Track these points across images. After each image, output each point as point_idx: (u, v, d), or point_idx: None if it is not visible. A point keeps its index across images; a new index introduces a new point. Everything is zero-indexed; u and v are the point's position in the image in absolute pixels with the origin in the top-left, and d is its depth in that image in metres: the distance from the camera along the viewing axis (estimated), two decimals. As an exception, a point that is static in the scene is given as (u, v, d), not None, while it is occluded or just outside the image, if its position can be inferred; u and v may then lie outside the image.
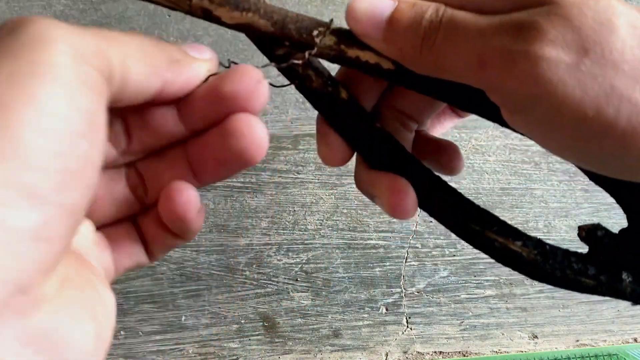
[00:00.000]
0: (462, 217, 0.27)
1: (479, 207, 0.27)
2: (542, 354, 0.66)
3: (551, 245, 0.26)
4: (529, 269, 0.26)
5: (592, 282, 0.26)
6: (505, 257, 0.26)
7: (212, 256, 0.69)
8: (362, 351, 0.66)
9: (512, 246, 0.26)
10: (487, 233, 0.26)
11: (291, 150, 0.74)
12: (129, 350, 0.65)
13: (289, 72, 0.26)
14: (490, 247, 0.26)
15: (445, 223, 0.28)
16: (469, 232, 0.27)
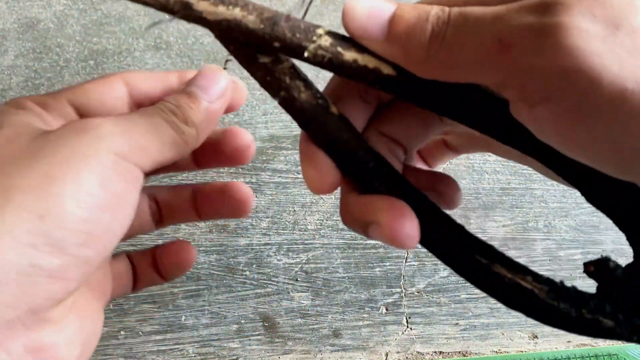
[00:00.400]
0: (466, 248, 0.24)
1: (483, 240, 0.24)
2: (542, 354, 0.66)
3: (562, 282, 0.23)
4: (542, 309, 0.22)
5: (610, 322, 0.22)
6: (514, 296, 0.23)
7: (212, 256, 0.69)
8: (362, 351, 0.66)
9: (523, 283, 0.22)
10: (495, 267, 0.23)
11: (291, 150, 0.74)
12: (129, 350, 0.65)
13: (275, 83, 0.23)
14: (498, 284, 0.23)
15: (445, 256, 0.24)
16: (473, 267, 0.24)
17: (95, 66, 0.75)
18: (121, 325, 0.66)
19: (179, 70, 0.28)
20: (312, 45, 0.22)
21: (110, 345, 0.65)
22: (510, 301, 0.23)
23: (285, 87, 0.23)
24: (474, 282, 0.24)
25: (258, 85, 0.25)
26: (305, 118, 0.23)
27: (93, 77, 0.77)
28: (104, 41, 0.77)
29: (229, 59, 0.26)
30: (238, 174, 0.72)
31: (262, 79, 0.23)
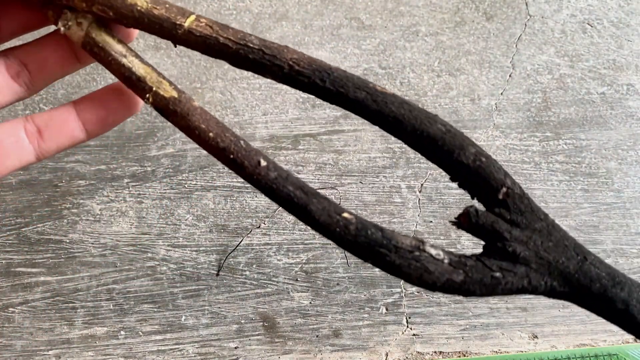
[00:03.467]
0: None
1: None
2: (542, 354, 0.66)
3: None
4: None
5: (499, 274, 0.23)
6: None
7: (212, 256, 0.68)
8: (362, 351, 0.66)
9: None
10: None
11: (291, 150, 0.74)
12: (129, 350, 0.65)
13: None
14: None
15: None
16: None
17: (95, 66, 0.75)
18: (121, 325, 0.66)
19: None
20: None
21: (110, 345, 0.65)
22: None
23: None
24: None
25: (258, 85, 0.26)
26: None
27: (93, 77, 0.77)
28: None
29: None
30: (238, 174, 0.72)
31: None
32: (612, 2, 0.85)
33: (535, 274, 0.24)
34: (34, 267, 0.68)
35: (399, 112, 0.25)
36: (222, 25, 0.24)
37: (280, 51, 0.25)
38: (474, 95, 0.78)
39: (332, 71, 0.25)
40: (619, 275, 0.24)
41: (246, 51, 0.25)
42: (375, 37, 0.81)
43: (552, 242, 0.24)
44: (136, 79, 0.24)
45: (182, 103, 0.24)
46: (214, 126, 0.24)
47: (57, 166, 0.72)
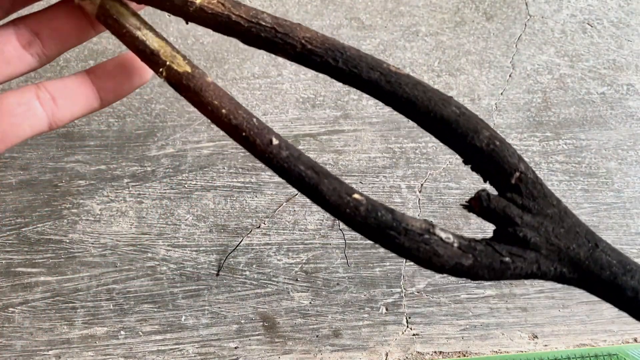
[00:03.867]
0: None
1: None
2: (542, 354, 0.66)
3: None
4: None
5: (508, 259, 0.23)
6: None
7: (212, 256, 0.68)
8: (362, 351, 0.66)
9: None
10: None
11: (291, 150, 0.74)
12: (129, 350, 0.65)
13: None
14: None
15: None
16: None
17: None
18: (121, 325, 0.66)
19: None
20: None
21: (110, 345, 0.65)
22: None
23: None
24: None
25: (258, 85, 0.26)
26: None
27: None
28: (104, 41, 0.77)
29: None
30: (238, 174, 0.72)
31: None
32: (612, 2, 0.85)
33: (545, 260, 0.23)
34: (34, 267, 0.68)
35: (413, 94, 0.24)
36: (235, 2, 0.24)
37: (293, 29, 0.24)
38: (474, 95, 0.78)
39: (345, 50, 0.25)
40: (630, 263, 0.23)
41: (258, 29, 0.24)
42: (375, 37, 0.81)
43: (563, 228, 0.24)
44: (150, 53, 0.24)
45: (196, 78, 0.24)
46: (227, 103, 0.24)
47: (57, 166, 0.72)
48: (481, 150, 0.24)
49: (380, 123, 0.75)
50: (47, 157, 0.72)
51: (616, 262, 0.23)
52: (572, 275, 0.24)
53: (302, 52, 0.24)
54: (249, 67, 0.77)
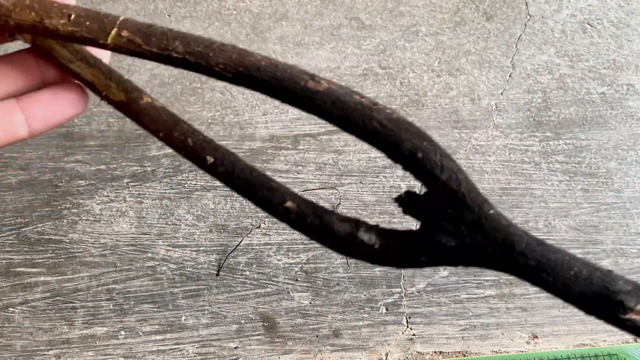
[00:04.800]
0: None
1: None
2: (542, 354, 0.66)
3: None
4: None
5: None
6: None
7: (212, 256, 0.68)
8: (362, 351, 0.66)
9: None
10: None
11: (291, 150, 0.74)
12: (129, 350, 0.65)
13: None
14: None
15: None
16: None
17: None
18: (121, 325, 0.66)
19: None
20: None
21: (110, 345, 0.65)
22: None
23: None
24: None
25: None
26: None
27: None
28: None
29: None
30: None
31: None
32: (612, 2, 0.85)
33: (461, 259, 0.26)
34: (34, 267, 0.68)
35: (331, 112, 0.27)
36: (146, 34, 0.25)
37: (206, 56, 0.25)
38: (474, 95, 0.78)
39: (259, 73, 0.26)
40: (549, 261, 0.25)
41: (172, 60, 0.25)
42: (375, 37, 0.81)
43: (481, 233, 0.25)
44: (86, 84, 0.25)
45: (130, 106, 0.26)
46: (162, 127, 0.26)
47: (57, 166, 0.72)
48: (404, 161, 0.26)
49: (380, 123, 0.75)
50: (47, 157, 0.72)
51: (533, 262, 0.25)
52: (491, 268, 0.26)
53: (219, 77, 0.26)
54: (249, 67, 0.77)
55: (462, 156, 0.74)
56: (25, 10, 0.24)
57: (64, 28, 0.24)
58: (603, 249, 0.71)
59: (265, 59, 0.26)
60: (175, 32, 0.25)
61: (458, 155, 0.74)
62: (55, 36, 0.24)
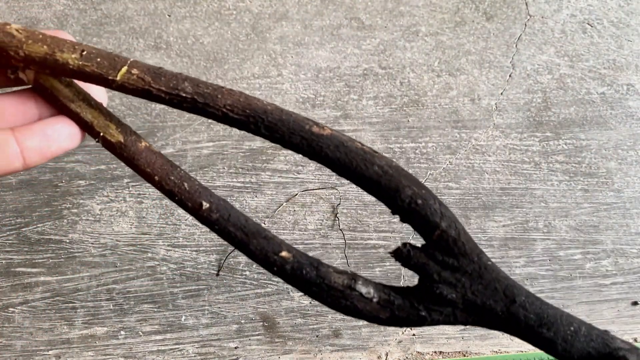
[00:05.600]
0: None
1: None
2: (542, 354, 0.66)
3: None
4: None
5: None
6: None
7: (212, 256, 0.68)
8: (362, 351, 0.66)
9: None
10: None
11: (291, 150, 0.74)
12: (129, 350, 0.65)
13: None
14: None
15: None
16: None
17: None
18: (121, 325, 0.66)
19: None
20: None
21: (110, 345, 0.65)
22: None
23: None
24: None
25: (258, 85, 0.26)
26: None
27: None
28: (104, 41, 0.77)
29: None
30: (238, 174, 0.72)
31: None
32: (612, 2, 0.85)
33: (462, 314, 0.25)
34: (34, 267, 0.68)
35: (335, 156, 0.26)
36: (155, 73, 0.25)
37: (214, 98, 0.25)
38: (474, 95, 0.78)
39: (266, 115, 0.26)
40: (549, 315, 0.25)
41: (180, 100, 0.25)
42: (375, 37, 0.81)
43: (481, 284, 0.25)
44: (84, 124, 0.25)
45: (128, 147, 0.26)
46: (158, 170, 0.26)
47: (57, 166, 0.72)
48: (404, 209, 0.25)
49: (380, 123, 0.76)
50: (47, 157, 0.72)
51: (533, 316, 0.25)
52: (490, 325, 0.25)
53: (225, 119, 0.26)
54: (249, 67, 0.77)
55: (462, 156, 0.74)
56: (38, 42, 0.24)
57: (75, 62, 0.24)
58: (603, 249, 0.71)
59: (271, 104, 0.26)
60: (184, 75, 0.25)
61: (458, 155, 0.74)
62: (63, 70, 0.24)
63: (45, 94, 0.25)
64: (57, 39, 0.24)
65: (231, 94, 0.25)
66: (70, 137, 0.26)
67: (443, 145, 0.75)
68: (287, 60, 0.78)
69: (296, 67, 0.77)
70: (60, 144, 0.26)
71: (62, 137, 0.26)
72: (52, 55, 0.24)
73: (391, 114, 0.76)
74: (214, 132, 0.74)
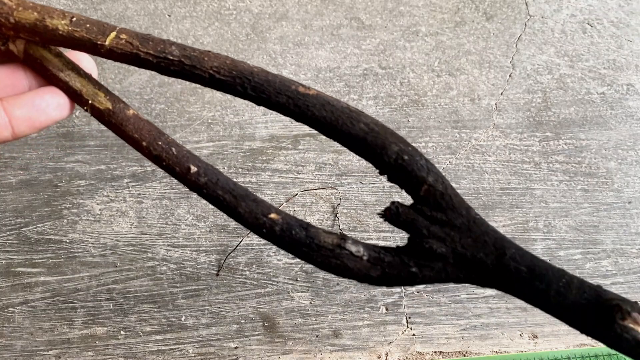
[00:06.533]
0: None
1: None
2: (542, 354, 0.66)
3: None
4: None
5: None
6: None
7: (212, 256, 0.68)
8: (362, 351, 0.66)
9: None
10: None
11: (291, 150, 0.74)
12: (129, 350, 0.65)
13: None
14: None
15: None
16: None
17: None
18: (121, 325, 0.66)
19: None
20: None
21: (110, 345, 0.65)
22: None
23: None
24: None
25: None
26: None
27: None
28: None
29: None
30: (238, 174, 0.72)
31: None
32: (612, 2, 0.85)
33: (452, 268, 0.25)
34: (34, 267, 0.68)
35: (321, 114, 0.26)
36: (144, 38, 0.25)
37: (200, 60, 0.26)
38: (474, 95, 0.78)
39: (252, 76, 0.26)
40: (540, 267, 0.25)
41: (167, 63, 0.25)
42: (375, 37, 0.81)
43: (471, 237, 0.25)
44: (73, 92, 0.26)
45: (116, 114, 0.26)
46: (146, 135, 0.26)
47: (57, 166, 0.72)
48: (390, 165, 0.25)
49: (380, 123, 0.75)
50: (47, 157, 0.72)
51: (524, 268, 0.24)
52: (481, 280, 0.25)
53: (211, 81, 0.26)
54: (249, 67, 0.77)
55: (462, 156, 0.74)
56: (28, 10, 0.24)
57: (64, 28, 0.24)
58: (603, 249, 0.71)
59: (257, 67, 0.26)
60: (172, 40, 0.26)
61: (458, 155, 0.74)
62: (53, 37, 0.25)
63: (34, 64, 0.26)
64: (47, 7, 0.25)
65: (217, 57, 0.26)
66: (59, 107, 0.26)
67: (443, 145, 0.75)
68: (287, 60, 0.78)
69: (296, 67, 0.77)
70: (49, 114, 0.26)
71: (50, 107, 0.26)
72: (42, 22, 0.24)
73: (391, 114, 0.76)
74: (214, 132, 0.74)
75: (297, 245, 0.25)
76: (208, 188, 0.26)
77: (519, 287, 0.25)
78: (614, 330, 0.23)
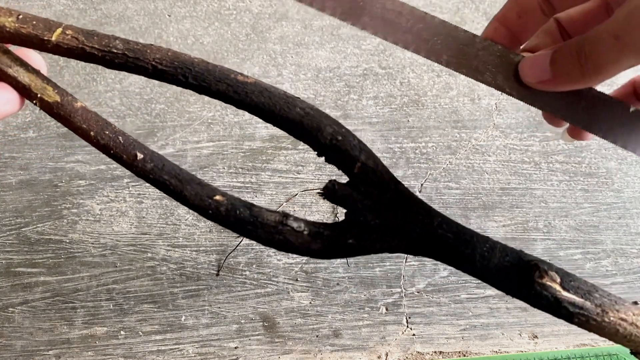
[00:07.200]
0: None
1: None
2: (542, 354, 0.66)
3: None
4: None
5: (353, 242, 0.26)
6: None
7: (212, 256, 0.68)
8: (362, 351, 0.66)
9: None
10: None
11: (291, 150, 0.74)
12: (129, 350, 0.65)
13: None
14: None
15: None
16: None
17: (94, 66, 0.75)
18: (121, 325, 0.66)
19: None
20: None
21: (110, 345, 0.65)
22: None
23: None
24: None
25: None
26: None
27: (93, 77, 0.77)
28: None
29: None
30: (238, 174, 0.72)
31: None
32: (612, 2, 0.85)
33: (386, 238, 0.26)
34: (34, 267, 0.68)
35: (259, 101, 0.28)
36: (88, 33, 0.26)
37: (143, 52, 0.27)
38: (474, 95, 0.78)
39: (193, 66, 0.27)
40: (465, 234, 0.26)
41: (112, 56, 0.27)
42: (375, 37, 0.81)
43: (401, 209, 0.27)
44: (22, 87, 0.27)
45: (64, 106, 0.27)
46: (94, 125, 0.28)
47: (57, 166, 0.72)
48: (326, 145, 0.27)
49: (380, 123, 0.76)
50: (47, 157, 0.72)
51: (451, 235, 0.26)
52: (413, 249, 0.27)
53: (154, 72, 0.27)
54: (249, 67, 0.77)
55: (462, 156, 0.74)
56: None
57: (11, 25, 0.25)
58: (603, 249, 0.71)
59: (197, 58, 0.27)
60: (116, 35, 0.27)
61: (458, 155, 0.74)
62: (0, 34, 0.25)
63: None
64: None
65: (160, 49, 0.27)
66: (8, 102, 0.27)
67: (443, 145, 0.75)
68: (287, 60, 0.78)
69: (296, 67, 0.77)
70: (2, 111, 0.27)
71: (0, 102, 0.27)
72: None
73: (391, 113, 0.76)
74: (214, 132, 0.74)
75: (242, 223, 0.26)
76: (154, 173, 0.27)
77: (447, 252, 0.26)
78: (534, 289, 0.25)
